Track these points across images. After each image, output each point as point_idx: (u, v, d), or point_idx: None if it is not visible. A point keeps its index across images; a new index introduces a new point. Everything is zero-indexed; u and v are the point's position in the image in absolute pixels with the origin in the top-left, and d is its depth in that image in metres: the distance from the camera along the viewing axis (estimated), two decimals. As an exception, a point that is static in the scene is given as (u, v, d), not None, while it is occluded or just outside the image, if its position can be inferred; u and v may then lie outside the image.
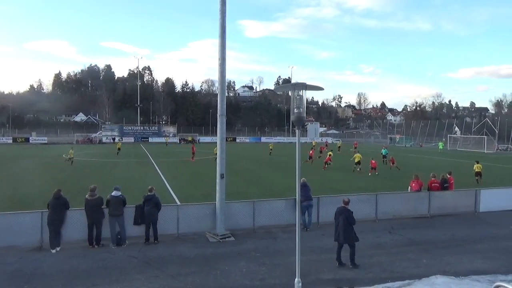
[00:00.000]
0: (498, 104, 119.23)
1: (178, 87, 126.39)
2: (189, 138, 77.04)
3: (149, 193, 11.24)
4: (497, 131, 71.41)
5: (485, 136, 62.67)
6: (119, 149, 43.44)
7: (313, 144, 51.00)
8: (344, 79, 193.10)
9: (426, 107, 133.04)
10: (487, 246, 11.31)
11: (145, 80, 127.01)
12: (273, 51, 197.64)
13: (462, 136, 75.06)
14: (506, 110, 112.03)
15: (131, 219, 11.14)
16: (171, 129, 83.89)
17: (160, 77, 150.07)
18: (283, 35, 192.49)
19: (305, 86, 5.78)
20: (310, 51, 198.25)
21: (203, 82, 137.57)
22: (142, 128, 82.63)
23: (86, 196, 10.83)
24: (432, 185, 15.26)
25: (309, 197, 12.61)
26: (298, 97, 5.81)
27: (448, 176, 16.41)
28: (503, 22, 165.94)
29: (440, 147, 59.31)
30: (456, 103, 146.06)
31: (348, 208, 9.70)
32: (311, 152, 35.12)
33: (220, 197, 11.78)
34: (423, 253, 10.41)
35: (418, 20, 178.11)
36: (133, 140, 75.14)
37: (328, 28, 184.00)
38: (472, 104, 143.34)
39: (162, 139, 74.07)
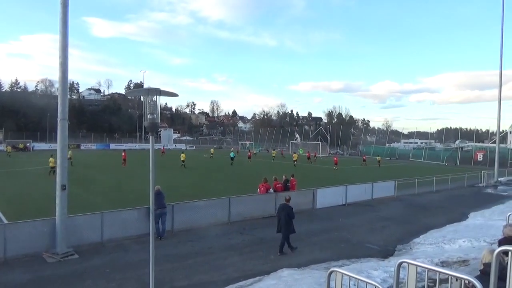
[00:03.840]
0: (330, 115, 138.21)
1: (6, 86, 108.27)
2: (21, 146, 66.71)
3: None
4: (329, 138, 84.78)
5: (320, 142, 74.67)
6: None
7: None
8: (198, 87, 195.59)
9: (272, 116, 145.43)
10: (322, 238, 12.99)
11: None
12: (124, 53, 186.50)
13: (302, 142, 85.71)
14: (335, 120, 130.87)
15: None
16: (-4, 135, 71.16)
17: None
18: (135, 37, 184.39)
19: (160, 92, 5.65)
20: (164, 56, 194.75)
21: (39, 81, 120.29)
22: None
23: None
24: (276, 186, 16.76)
25: (163, 205, 12.36)
26: (152, 103, 5.64)
27: (291, 178, 18.28)
28: (334, 45, 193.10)
29: (301, 151, 65.14)
30: (297, 112, 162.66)
31: (289, 204, 11.16)
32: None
33: (61, 211, 10.46)
34: (271, 250, 11.25)
35: (266, 36, 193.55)
36: None
37: (182, 35, 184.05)
38: (310, 114, 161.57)
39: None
